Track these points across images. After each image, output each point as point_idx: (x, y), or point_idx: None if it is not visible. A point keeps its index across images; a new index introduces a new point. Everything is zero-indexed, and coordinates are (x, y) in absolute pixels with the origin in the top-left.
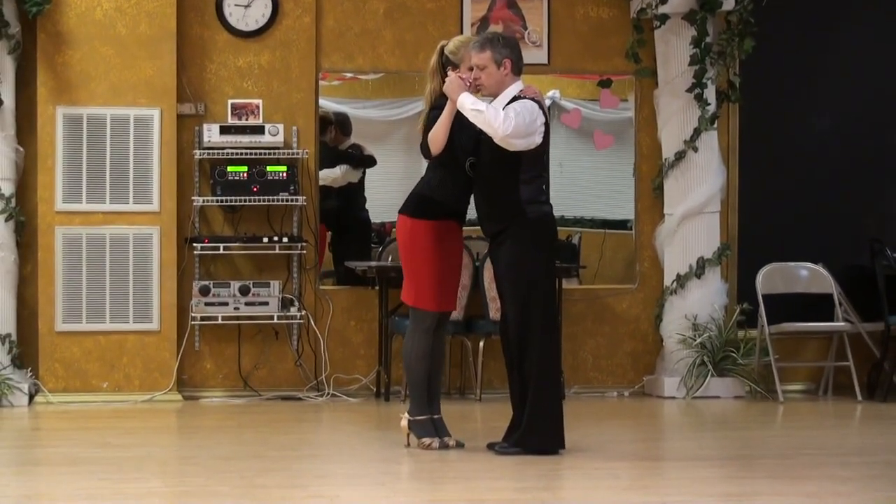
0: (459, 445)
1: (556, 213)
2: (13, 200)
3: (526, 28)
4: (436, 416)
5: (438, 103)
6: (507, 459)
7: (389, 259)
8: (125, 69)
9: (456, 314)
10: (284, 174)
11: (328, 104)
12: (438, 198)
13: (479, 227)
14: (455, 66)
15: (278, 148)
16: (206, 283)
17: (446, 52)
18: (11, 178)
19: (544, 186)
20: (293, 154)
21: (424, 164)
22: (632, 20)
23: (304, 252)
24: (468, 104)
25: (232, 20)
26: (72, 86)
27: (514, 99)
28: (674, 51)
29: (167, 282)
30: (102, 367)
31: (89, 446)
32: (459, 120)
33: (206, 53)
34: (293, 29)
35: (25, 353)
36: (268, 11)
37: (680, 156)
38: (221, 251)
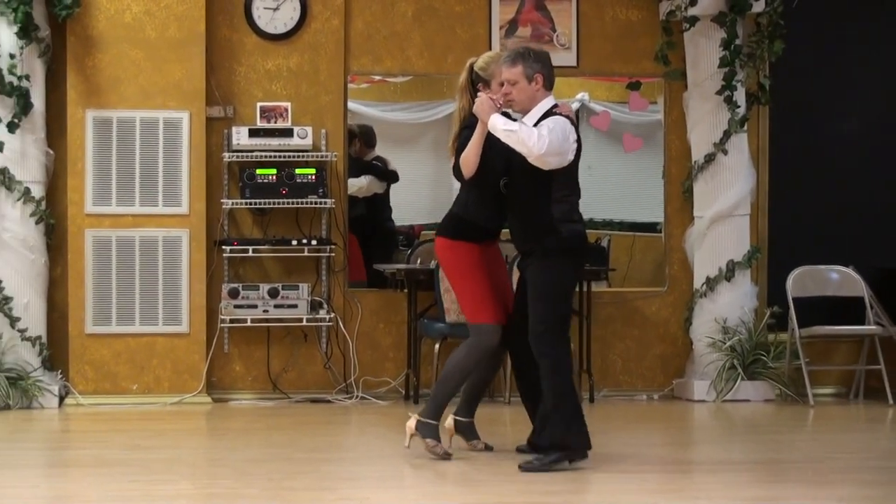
0: (488, 448)
1: (586, 215)
2: (43, 203)
3: (555, 30)
4: (468, 420)
5: (469, 122)
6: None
7: (419, 262)
8: (154, 72)
9: None
10: (313, 177)
11: (356, 107)
12: (475, 219)
13: (505, 231)
14: (485, 83)
15: (307, 151)
16: (235, 285)
17: (476, 68)
18: (41, 181)
19: (578, 205)
20: (322, 157)
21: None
22: (661, 22)
23: (333, 255)
24: (500, 125)
25: (260, 23)
26: (101, 89)
27: (547, 114)
28: (703, 53)
29: (196, 284)
30: (132, 369)
31: (119, 448)
32: (490, 140)
33: (235, 56)
34: (322, 31)
35: (55, 355)
36: (296, 14)
37: (709, 158)
38: (250, 254)
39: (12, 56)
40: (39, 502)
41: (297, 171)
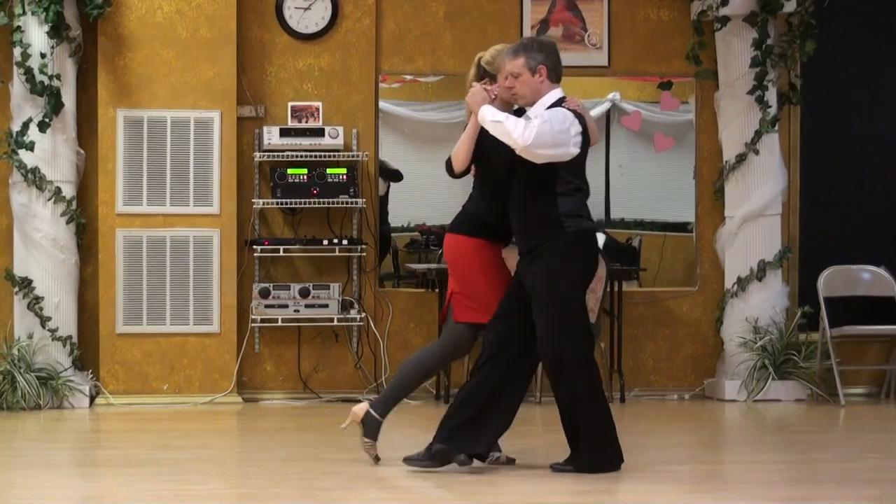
0: (510, 461)
1: (616, 214)
2: (74, 203)
3: (586, 30)
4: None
5: None
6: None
7: None
8: (185, 72)
9: None
10: (344, 176)
11: (387, 107)
12: (488, 217)
13: None
14: (493, 78)
15: (338, 150)
16: (266, 285)
17: (483, 63)
18: (72, 180)
19: (585, 201)
20: (353, 156)
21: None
22: (692, 22)
23: (364, 254)
24: (488, 116)
25: (292, 22)
26: (132, 88)
27: (553, 107)
28: (735, 53)
29: (227, 284)
30: (163, 369)
31: (149, 448)
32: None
33: (266, 56)
34: (353, 31)
35: (86, 355)
36: (327, 14)
37: (741, 158)
38: (281, 253)
39: (43, 55)
40: (70, 502)
41: (329, 170)
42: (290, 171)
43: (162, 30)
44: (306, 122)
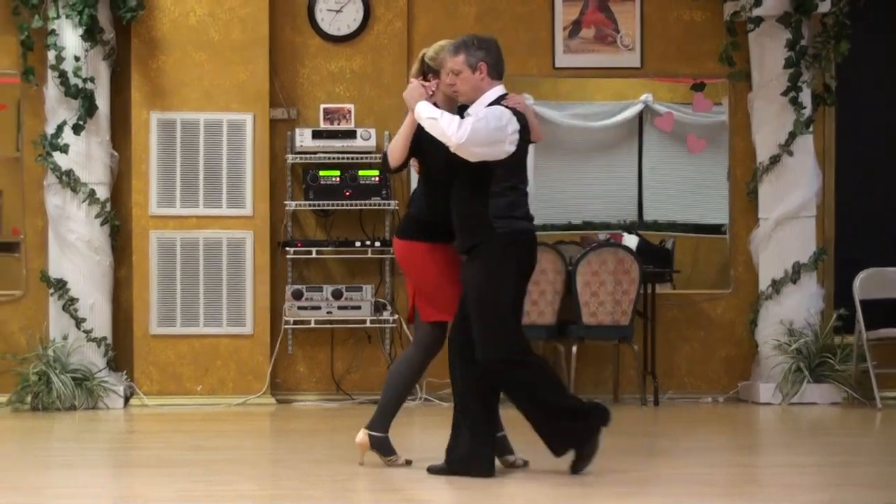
0: (524, 464)
1: (650, 216)
2: (108, 205)
3: (618, 31)
4: (500, 434)
5: None
6: (596, 463)
7: None
8: (218, 74)
9: (548, 319)
10: (376, 178)
11: None
12: (432, 217)
13: (565, 233)
14: (436, 73)
15: (370, 152)
16: (299, 287)
17: (426, 59)
18: (106, 182)
19: (520, 201)
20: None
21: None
22: (725, 23)
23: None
24: (424, 113)
25: (324, 25)
26: (165, 91)
27: (493, 105)
28: (768, 54)
29: (260, 286)
30: (196, 370)
31: (183, 449)
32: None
33: (299, 58)
34: (385, 34)
35: (121, 356)
36: (359, 16)
37: (775, 160)
38: (314, 255)
39: (77, 58)
40: (104, 502)
41: (361, 172)
42: (322, 172)
43: (195, 32)
44: (338, 124)
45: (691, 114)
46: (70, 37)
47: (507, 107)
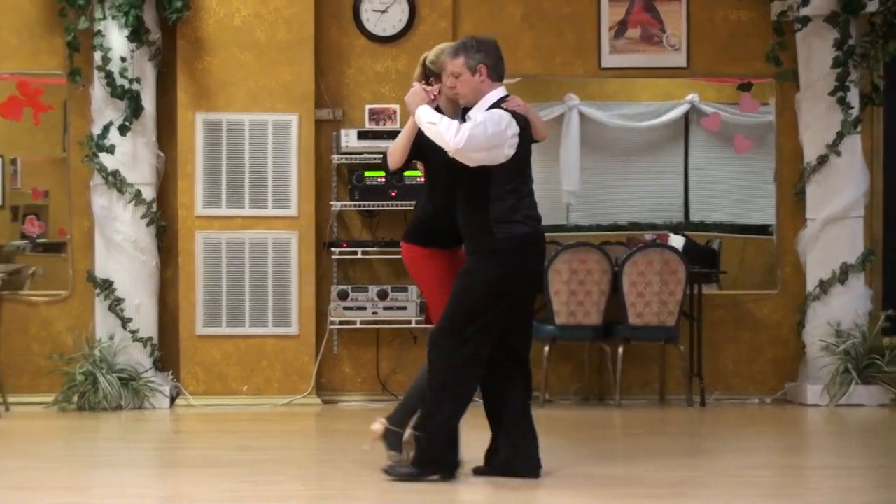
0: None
1: (696, 216)
2: (154, 205)
3: (664, 31)
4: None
5: None
6: (642, 465)
7: None
8: (264, 75)
9: (594, 320)
10: (422, 179)
11: None
12: (436, 221)
13: (612, 234)
14: (437, 77)
15: None
16: (345, 287)
17: (427, 62)
18: (152, 183)
19: (523, 204)
20: None
21: (560, 168)
22: (772, 23)
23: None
24: (424, 118)
25: (369, 25)
26: (211, 91)
27: (494, 107)
28: (816, 53)
29: (306, 286)
30: (242, 370)
31: (229, 449)
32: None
33: (344, 59)
34: (430, 34)
35: (167, 356)
36: (405, 16)
37: (822, 160)
38: (359, 256)
39: (123, 59)
40: (150, 502)
41: (406, 173)
42: (367, 173)
43: (240, 33)
44: (384, 124)
45: (738, 114)
46: (116, 38)
47: (506, 109)
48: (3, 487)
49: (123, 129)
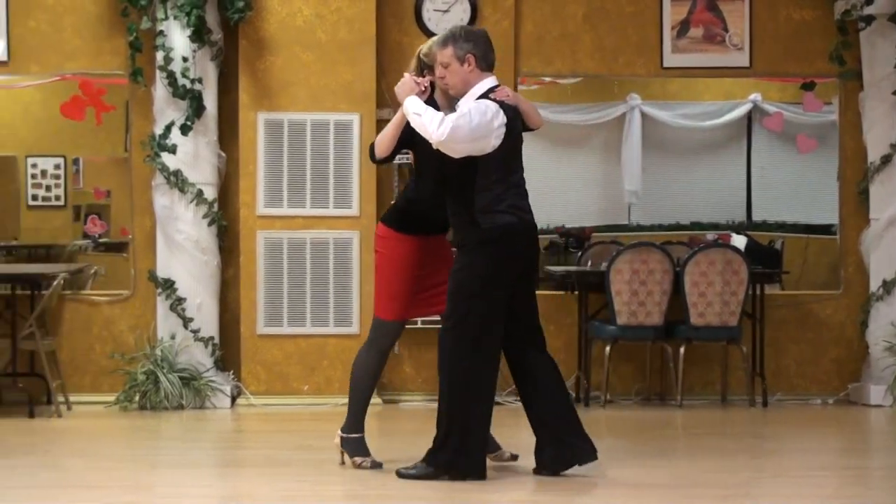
0: (513, 457)
1: (758, 216)
2: (216, 205)
3: (727, 31)
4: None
5: None
6: (704, 465)
7: (589, 264)
8: (325, 75)
9: (656, 320)
10: None
11: None
12: (416, 209)
13: (673, 233)
14: (430, 69)
15: None
16: None
17: (421, 55)
18: (214, 183)
19: (509, 194)
20: None
21: (622, 168)
22: (836, 22)
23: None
24: (410, 108)
25: (430, 25)
26: (272, 91)
27: (483, 98)
28: (880, 53)
29: (367, 286)
30: (303, 370)
31: (289, 448)
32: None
33: (405, 58)
34: (491, 33)
35: (228, 355)
36: (466, 16)
37: (886, 159)
38: None
39: (185, 59)
40: (212, 501)
41: None
42: None
43: (302, 33)
44: None
45: (801, 113)
46: (178, 38)
47: (494, 100)
48: (65, 486)
49: (185, 129)
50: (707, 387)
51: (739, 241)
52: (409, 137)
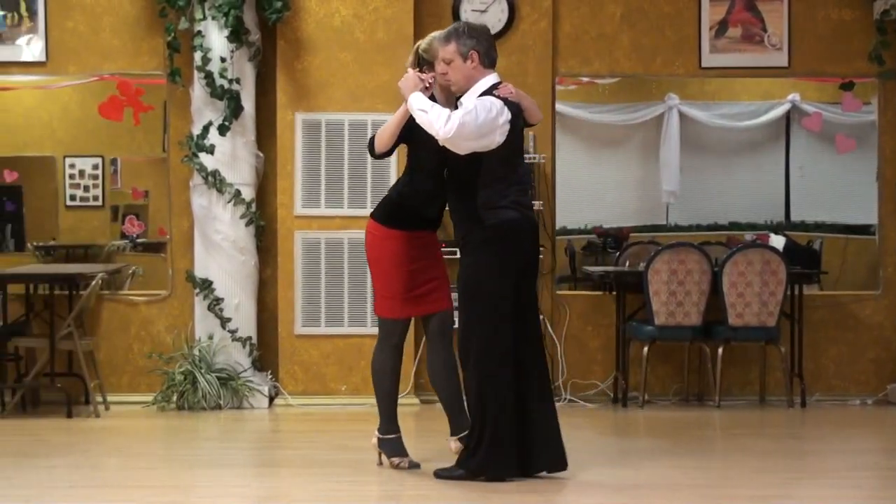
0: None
1: (797, 217)
2: (253, 205)
3: (766, 30)
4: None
5: None
6: (742, 466)
7: (627, 264)
8: (363, 75)
9: (694, 320)
10: None
11: (564, 109)
12: (409, 204)
13: (711, 234)
14: (430, 65)
15: None
16: None
17: (420, 51)
18: (252, 183)
19: (511, 190)
20: (530, 159)
21: (660, 168)
22: (875, 21)
23: (542, 257)
24: (415, 104)
25: None
26: (310, 92)
27: (486, 94)
28: None
29: None
30: (341, 370)
31: (328, 449)
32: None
33: None
34: (529, 33)
35: (265, 356)
36: (504, 16)
37: None
38: (457, 256)
39: (223, 60)
40: (250, 501)
41: None
42: None
43: (339, 33)
44: None
45: (840, 113)
46: (216, 38)
47: (498, 96)
48: (103, 486)
49: (223, 130)
50: (745, 387)
51: (778, 241)
52: (408, 132)
